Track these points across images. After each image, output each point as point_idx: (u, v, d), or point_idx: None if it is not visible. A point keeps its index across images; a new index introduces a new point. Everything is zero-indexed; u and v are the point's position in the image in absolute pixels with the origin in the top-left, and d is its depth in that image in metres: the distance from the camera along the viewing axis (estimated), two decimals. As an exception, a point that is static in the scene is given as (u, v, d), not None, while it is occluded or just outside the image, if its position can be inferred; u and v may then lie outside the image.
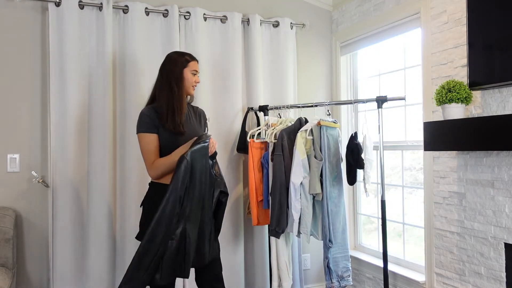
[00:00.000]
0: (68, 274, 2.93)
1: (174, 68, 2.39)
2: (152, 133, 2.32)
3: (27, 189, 2.94)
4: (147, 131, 2.32)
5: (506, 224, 2.30)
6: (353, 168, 2.78)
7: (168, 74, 2.39)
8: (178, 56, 2.46)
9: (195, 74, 2.46)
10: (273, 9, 3.61)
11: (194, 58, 2.49)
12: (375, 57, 3.53)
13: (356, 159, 2.73)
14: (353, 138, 2.76)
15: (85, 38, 3.02)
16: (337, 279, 2.79)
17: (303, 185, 2.81)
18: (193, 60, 2.47)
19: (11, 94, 2.92)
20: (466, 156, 2.52)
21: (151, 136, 2.32)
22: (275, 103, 3.47)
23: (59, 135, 2.93)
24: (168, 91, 2.36)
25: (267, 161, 3.08)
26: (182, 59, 2.43)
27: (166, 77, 2.39)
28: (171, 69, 2.40)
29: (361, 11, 3.45)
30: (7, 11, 2.91)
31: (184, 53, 2.50)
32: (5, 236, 2.69)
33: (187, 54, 2.49)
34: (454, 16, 2.58)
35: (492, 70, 2.27)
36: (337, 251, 2.79)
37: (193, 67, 2.45)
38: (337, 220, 2.80)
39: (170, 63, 2.42)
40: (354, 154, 2.73)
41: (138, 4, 3.11)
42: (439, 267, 2.74)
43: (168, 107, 2.32)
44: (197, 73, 2.47)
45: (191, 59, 2.46)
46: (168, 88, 2.36)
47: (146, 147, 2.32)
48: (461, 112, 2.34)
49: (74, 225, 2.95)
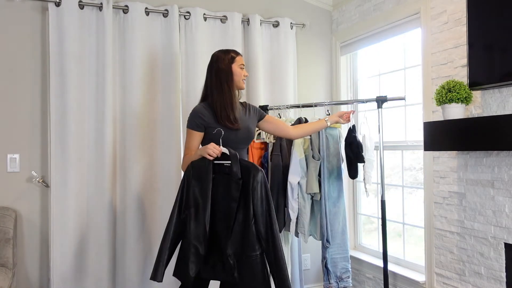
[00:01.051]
0: (68, 274, 2.93)
1: (222, 66, 2.45)
2: (196, 130, 2.40)
3: (27, 189, 2.94)
4: (191, 128, 2.42)
5: (506, 224, 2.30)
6: (354, 162, 2.77)
7: (217, 72, 2.44)
8: (223, 54, 2.50)
9: (243, 68, 2.51)
10: (273, 9, 3.61)
11: (238, 53, 2.54)
12: (375, 57, 3.53)
13: (356, 152, 2.71)
14: (351, 131, 2.75)
15: (85, 38, 3.02)
16: (335, 280, 2.78)
17: (301, 185, 2.81)
18: (239, 55, 2.52)
19: (11, 94, 2.92)
20: (466, 156, 2.52)
21: (193, 133, 2.41)
22: (275, 103, 3.47)
23: (59, 135, 2.93)
24: (219, 89, 2.42)
25: (267, 161, 3.08)
26: (228, 56, 2.48)
27: (215, 75, 2.45)
28: (219, 67, 2.45)
29: (361, 11, 3.45)
30: (7, 11, 2.91)
31: (228, 50, 2.54)
32: (5, 236, 2.69)
33: (232, 50, 2.54)
34: (454, 16, 2.58)
35: (492, 70, 2.27)
36: (336, 251, 2.79)
37: (239, 61, 2.50)
38: (336, 221, 2.80)
39: (217, 61, 2.47)
40: (353, 147, 2.72)
41: (138, 4, 3.11)
42: (439, 267, 2.74)
43: (221, 104, 2.38)
44: (244, 67, 2.52)
45: (236, 55, 2.51)
46: (219, 86, 2.42)
47: (186, 142, 2.45)
48: (461, 112, 2.34)
49: (74, 225, 2.95)
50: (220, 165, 2.25)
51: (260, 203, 2.17)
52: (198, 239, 2.19)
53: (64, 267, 2.92)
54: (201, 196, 2.21)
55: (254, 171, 2.18)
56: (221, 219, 2.22)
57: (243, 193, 2.18)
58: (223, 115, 2.37)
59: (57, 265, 2.90)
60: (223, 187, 2.23)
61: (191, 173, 2.25)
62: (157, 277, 2.21)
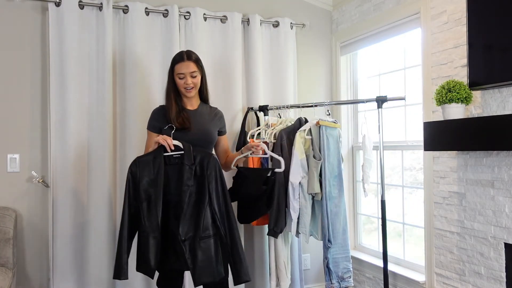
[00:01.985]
0: (68, 274, 2.93)
1: (169, 73, 2.53)
2: (152, 131, 2.54)
3: (27, 189, 2.94)
4: (148, 129, 2.57)
5: (506, 224, 2.30)
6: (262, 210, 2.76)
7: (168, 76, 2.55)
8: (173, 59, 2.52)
9: (182, 78, 2.46)
10: (273, 9, 3.61)
11: (182, 58, 2.47)
12: (375, 57, 3.53)
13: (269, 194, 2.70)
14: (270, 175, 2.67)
15: (85, 38, 3.02)
16: (337, 280, 2.78)
17: (302, 185, 2.81)
18: (179, 63, 2.46)
19: (11, 94, 2.92)
20: (466, 156, 2.52)
21: (150, 134, 2.55)
22: (275, 103, 3.47)
23: (59, 135, 2.93)
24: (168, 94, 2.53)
25: (267, 161, 3.08)
26: (173, 63, 2.50)
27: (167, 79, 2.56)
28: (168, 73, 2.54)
29: (361, 11, 3.45)
30: (7, 11, 2.91)
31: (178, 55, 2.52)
32: (5, 236, 2.69)
33: (177, 54, 2.52)
34: (454, 16, 2.58)
35: (492, 70, 2.27)
36: (337, 251, 2.79)
37: (178, 70, 2.46)
38: (337, 221, 2.80)
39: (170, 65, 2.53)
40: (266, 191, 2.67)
41: (138, 4, 3.11)
42: (439, 267, 2.74)
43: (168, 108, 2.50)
44: (185, 76, 2.46)
45: (176, 62, 2.48)
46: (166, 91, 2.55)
47: (146, 142, 2.60)
48: (461, 112, 2.34)
49: (74, 225, 2.96)
50: (170, 157, 2.32)
51: (215, 185, 2.27)
52: (154, 231, 2.24)
53: (64, 267, 2.92)
54: (153, 188, 2.27)
55: (207, 156, 2.32)
56: (175, 207, 2.28)
57: (196, 178, 2.28)
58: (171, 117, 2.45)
59: (57, 265, 2.91)
60: (176, 176, 2.31)
61: (137, 169, 2.30)
62: (121, 275, 2.27)
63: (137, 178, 2.29)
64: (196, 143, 2.42)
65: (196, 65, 2.49)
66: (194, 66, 2.47)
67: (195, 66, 2.48)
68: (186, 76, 2.46)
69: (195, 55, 2.54)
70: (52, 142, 2.93)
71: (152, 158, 2.31)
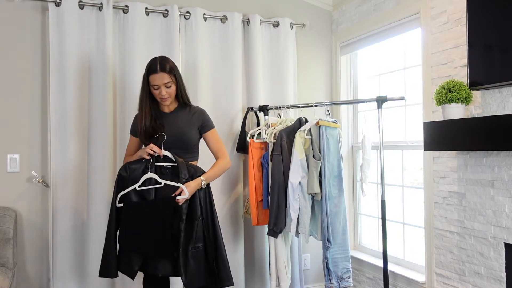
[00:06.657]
0: (68, 274, 2.93)
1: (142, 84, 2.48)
2: (132, 135, 2.59)
3: (27, 189, 2.94)
4: (130, 133, 2.62)
5: (506, 224, 2.30)
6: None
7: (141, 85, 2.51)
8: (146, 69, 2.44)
9: (157, 88, 2.41)
10: (273, 9, 3.61)
11: (155, 70, 2.38)
12: (375, 57, 3.53)
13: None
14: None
15: (85, 38, 3.02)
16: (336, 280, 2.78)
17: (302, 185, 2.81)
18: (153, 74, 2.39)
19: (11, 94, 2.92)
20: (466, 156, 2.52)
21: (131, 138, 2.61)
22: (275, 103, 3.47)
23: (59, 135, 2.94)
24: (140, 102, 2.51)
25: (266, 161, 3.08)
26: (146, 70, 2.44)
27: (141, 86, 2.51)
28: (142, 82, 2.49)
29: (361, 11, 3.45)
30: (7, 11, 2.91)
31: (150, 62, 2.44)
32: (5, 236, 2.69)
33: (152, 63, 2.42)
34: (454, 16, 2.58)
35: (492, 70, 2.27)
36: (337, 251, 2.79)
37: (152, 81, 2.40)
38: (337, 221, 2.79)
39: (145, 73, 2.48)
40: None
41: (138, 4, 3.11)
42: (439, 267, 2.74)
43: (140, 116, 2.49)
44: (160, 87, 2.40)
45: (149, 73, 2.40)
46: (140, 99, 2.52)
47: (127, 145, 2.66)
48: (461, 112, 2.34)
49: (74, 225, 2.96)
50: (161, 167, 2.40)
51: (204, 199, 2.40)
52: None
53: (64, 267, 2.92)
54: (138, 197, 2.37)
55: (199, 171, 2.42)
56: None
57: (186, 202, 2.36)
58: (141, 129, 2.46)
59: (57, 265, 2.91)
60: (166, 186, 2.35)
61: (128, 175, 2.37)
62: (111, 274, 2.35)
63: (128, 184, 2.37)
64: (171, 146, 2.41)
65: (169, 75, 2.39)
66: (167, 77, 2.39)
67: (169, 76, 2.39)
68: (161, 87, 2.39)
69: (169, 63, 2.43)
70: (52, 142, 2.93)
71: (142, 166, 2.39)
